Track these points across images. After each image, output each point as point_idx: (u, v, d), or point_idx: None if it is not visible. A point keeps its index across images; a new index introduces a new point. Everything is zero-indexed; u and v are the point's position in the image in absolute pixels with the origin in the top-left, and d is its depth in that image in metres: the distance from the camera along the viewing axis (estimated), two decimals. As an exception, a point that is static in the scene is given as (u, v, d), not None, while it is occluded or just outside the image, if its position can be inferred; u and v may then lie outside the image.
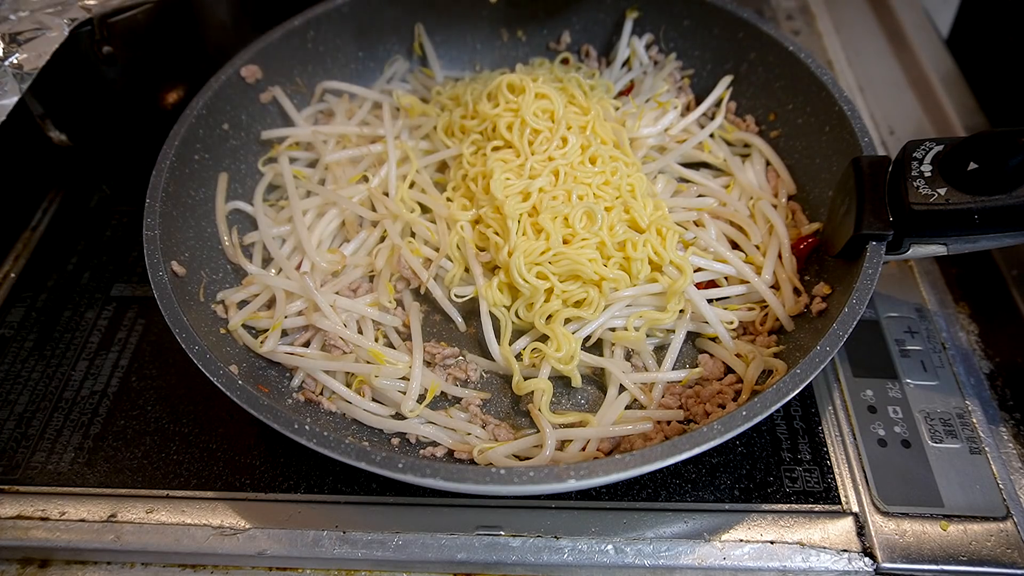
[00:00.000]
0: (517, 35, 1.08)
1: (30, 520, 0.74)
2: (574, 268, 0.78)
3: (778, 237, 0.83)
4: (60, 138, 0.98)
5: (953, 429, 0.77)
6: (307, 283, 0.79)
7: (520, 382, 0.76)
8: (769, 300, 0.79)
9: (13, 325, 0.91)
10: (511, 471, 0.58)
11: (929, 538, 0.70)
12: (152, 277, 0.72)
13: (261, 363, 0.78)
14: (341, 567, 0.72)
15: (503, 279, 0.80)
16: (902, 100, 1.14)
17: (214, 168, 0.89)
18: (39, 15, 0.81)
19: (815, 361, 0.64)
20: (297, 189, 0.88)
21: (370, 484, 0.75)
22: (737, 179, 0.90)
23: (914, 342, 0.84)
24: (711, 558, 0.69)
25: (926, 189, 0.68)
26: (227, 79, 0.90)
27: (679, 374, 0.78)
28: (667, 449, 0.59)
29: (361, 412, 0.75)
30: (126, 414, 0.82)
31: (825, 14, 1.31)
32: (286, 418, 0.62)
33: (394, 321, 0.82)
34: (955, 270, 0.92)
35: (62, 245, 1.00)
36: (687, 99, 1.00)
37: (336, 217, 0.88)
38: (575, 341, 0.77)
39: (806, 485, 0.74)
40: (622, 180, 0.83)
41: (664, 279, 0.79)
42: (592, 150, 0.86)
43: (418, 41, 1.06)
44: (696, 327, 0.81)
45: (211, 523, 0.73)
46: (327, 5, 0.98)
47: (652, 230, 0.81)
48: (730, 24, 0.96)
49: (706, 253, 0.83)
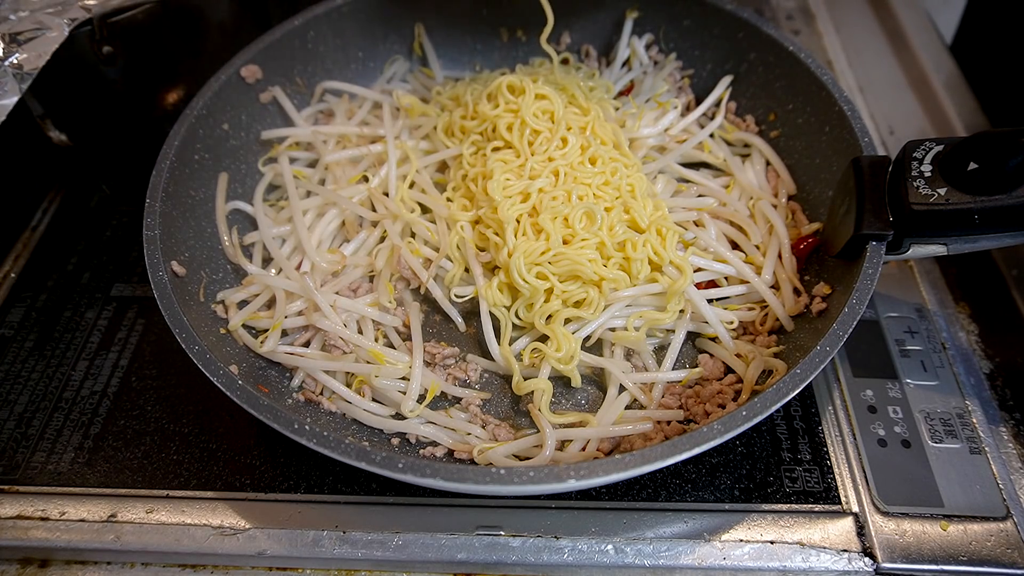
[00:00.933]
0: (517, 35, 1.08)
1: (30, 520, 0.74)
2: (574, 268, 0.78)
3: (778, 237, 0.83)
4: (60, 138, 0.98)
5: (953, 429, 0.77)
6: (307, 283, 0.79)
7: (520, 382, 0.76)
8: (769, 300, 0.79)
9: (13, 325, 0.91)
10: (511, 471, 0.58)
11: (929, 538, 0.70)
12: (152, 277, 0.72)
13: (261, 363, 0.78)
14: (341, 567, 0.72)
15: (503, 279, 0.80)
16: (902, 100, 1.14)
17: (214, 168, 0.89)
18: (39, 15, 0.81)
19: (815, 361, 0.64)
20: (297, 189, 0.88)
21: (370, 484, 0.75)
22: (737, 179, 0.90)
23: (914, 342, 0.84)
24: (711, 558, 0.69)
25: (926, 189, 0.68)
26: (227, 79, 0.90)
27: (679, 374, 0.78)
28: (667, 449, 0.59)
29: (361, 412, 0.75)
30: (126, 414, 0.82)
31: (825, 14, 1.31)
32: (286, 418, 0.62)
33: (394, 321, 0.82)
34: (955, 270, 0.92)
35: (62, 245, 1.00)
36: (687, 99, 1.01)
37: (336, 217, 0.88)
38: (575, 341, 0.77)
39: (806, 485, 0.74)
40: (622, 180, 0.83)
41: (664, 279, 0.79)
42: (592, 150, 0.86)
43: (418, 41, 1.06)
44: (696, 327, 0.81)
45: (211, 523, 0.73)
46: (327, 5, 0.98)
47: (652, 230, 0.81)
48: (730, 24, 0.96)
49: (706, 253, 0.83)
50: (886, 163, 0.73)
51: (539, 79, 0.90)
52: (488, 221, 0.83)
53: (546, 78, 0.92)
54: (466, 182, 0.88)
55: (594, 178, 0.84)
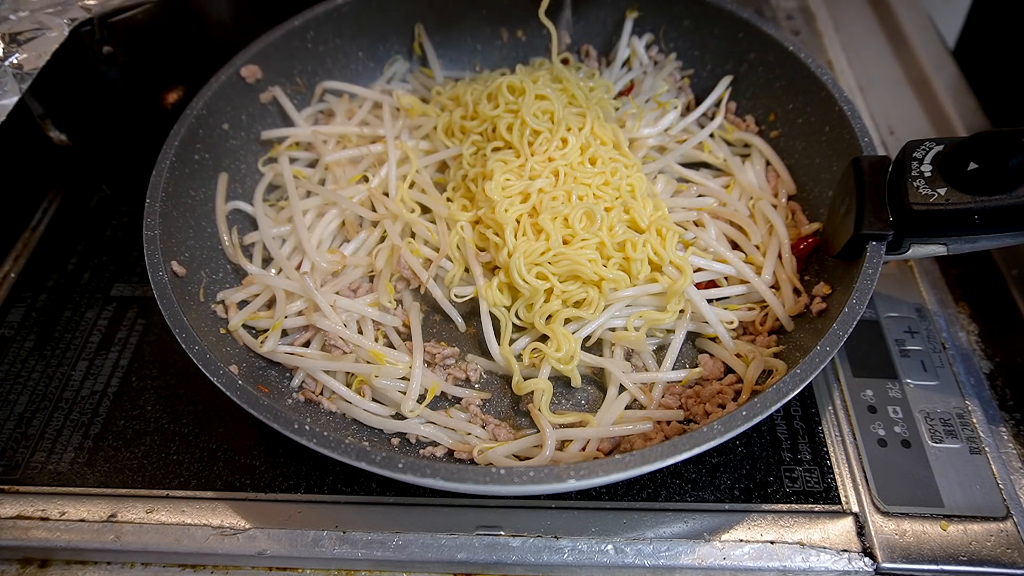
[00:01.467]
0: (517, 35, 1.08)
1: (30, 520, 0.74)
2: (574, 268, 0.78)
3: (778, 237, 0.83)
4: (60, 138, 0.98)
5: (953, 429, 0.77)
6: (307, 283, 0.79)
7: (520, 382, 0.76)
8: (769, 300, 0.79)
9: (13, 325, 0.91)
10: (511, 471, 0.58)
11: (929, 538, 0.70)
12: (152, 277, 0.72)
13: (261, 363, 0.78)
14: (341, 567, 0.72)
15: (503, 279, 0.80)
16: (902, 100, 1.14)
17: (214, 168, 0.89)
18: (39, 15, 0.81)
19: (815, 361, 0.64)
20: (297, 189, 0.88)
21: (370, 484, 0.75)
22: (737, 179, 0.90)
23: (914, 342, 0.84)
24: (711, 558, 0.69)
25: (926, 189, 0.68)
26: (227, 79, 0.90)
27: (679, 374, 0.78)
28: (667, 449, 0.59)
29: (361, 412, 0.75)
30: (126, 414, 0.82)
31: (825, 14, 1.31)
32: (286, 418, 0.62)
33: (394, 321, 0.82)
34: (955, 270, 0.92)
35: (62, 245, 1.00)
36: (687, 99, 1.00)
37: (336, 217, 0.88)
38: (575, 341, 0.77)
39: (806, 485, 0.74)
40: (622, 180, 0.83)
41: (664, 279, 0.79)
42: (592, 151, 0.86)
43: (418, 41, 1.06)
44: (696, 327, 0.81)
45: (211, 523, 0.73)
46: (327, 5, 0.98)
47: (652, 230, 0.81)
48: (730, 24, 0.96)
49: (706, 253, 0.83)
50: (886, 163, 0.73)
51: (539, 79, 0.90)
52: (488, 221, 0.83)
53: (547, 74, 0.92)
54: (466, 182, 0.88)
55: (594, 178, 0.84)
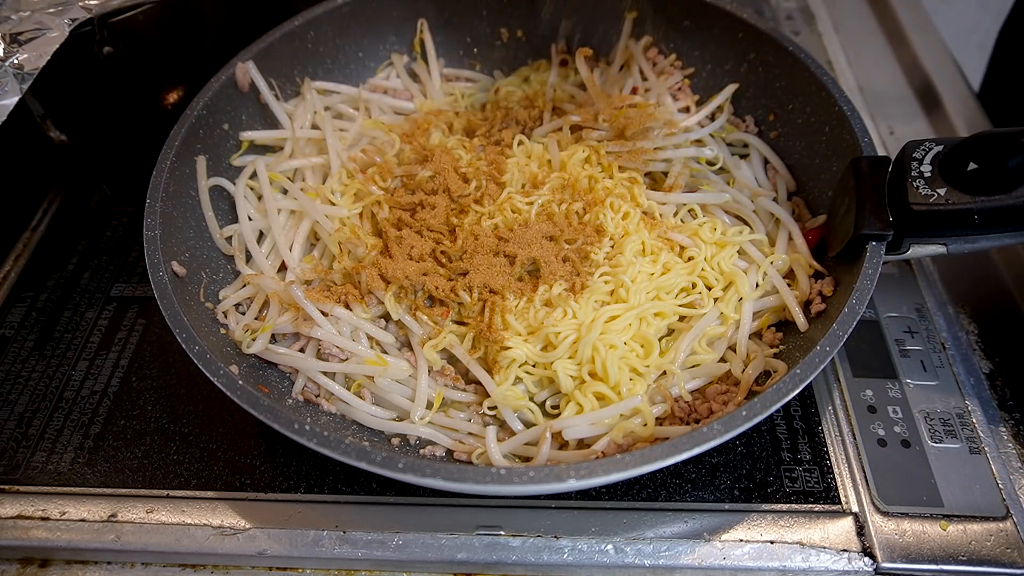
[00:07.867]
0: (517, 35, 1.08)
1: (30, 520, 0.74)
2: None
3: (786, 227, 0.83)
4: (60, 138, 0.98)
5: (953, 429, 0.77)
6: (295, 293, 0.76)
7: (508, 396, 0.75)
8: (782, 289, 0.78)
9: (13, 325, 0.91)
10: (511, 471, 0.58)
11: (929, 538, 0.70)
12: (152, 277, 0.72)
13: (261, 363, 0.78)
14: (341, 567, 0.72)
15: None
16: (902, 100, 1.14)
17: (214, 168, 0.89)
18: (40, 15, 0.81)
19: (815, 361, 0.64)
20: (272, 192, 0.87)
21: (370, 484, 0.75)
22: (736, 178, 0.90)
23: (914, 342, 0.84)
24: (711, 558, 0.69)
25: (926, 189, 0.68)
26: (227, 79, 0.90)
27: (696, 383, 0.76)
28: (667, 449, 0.59)
29: (361, 414, 0.75)
30: (126, 414, 0.82)
31: (825, 14, 1.31)
32: (286, 418, 0.62)
33: (388, 338, 0.79)
34: (955, 270, 0.92)
35: (62, 245, 1.00)
36: (687, 100, 1.00)
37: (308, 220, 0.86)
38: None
39: (806, 485, 0.74)
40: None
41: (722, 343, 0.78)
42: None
43: (418, 38, 1.05)
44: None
45: (211, 523, 0.73)
46: (327, 5, 0.98)
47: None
48: (730, 24, 0.95)
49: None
50: (886, 163, 0.73)
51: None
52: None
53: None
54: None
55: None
